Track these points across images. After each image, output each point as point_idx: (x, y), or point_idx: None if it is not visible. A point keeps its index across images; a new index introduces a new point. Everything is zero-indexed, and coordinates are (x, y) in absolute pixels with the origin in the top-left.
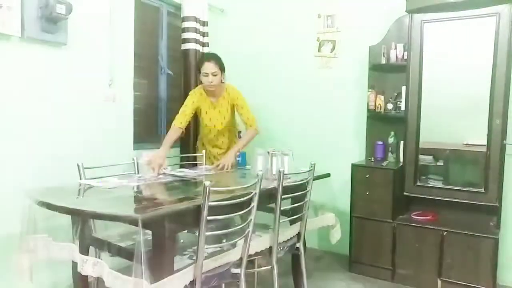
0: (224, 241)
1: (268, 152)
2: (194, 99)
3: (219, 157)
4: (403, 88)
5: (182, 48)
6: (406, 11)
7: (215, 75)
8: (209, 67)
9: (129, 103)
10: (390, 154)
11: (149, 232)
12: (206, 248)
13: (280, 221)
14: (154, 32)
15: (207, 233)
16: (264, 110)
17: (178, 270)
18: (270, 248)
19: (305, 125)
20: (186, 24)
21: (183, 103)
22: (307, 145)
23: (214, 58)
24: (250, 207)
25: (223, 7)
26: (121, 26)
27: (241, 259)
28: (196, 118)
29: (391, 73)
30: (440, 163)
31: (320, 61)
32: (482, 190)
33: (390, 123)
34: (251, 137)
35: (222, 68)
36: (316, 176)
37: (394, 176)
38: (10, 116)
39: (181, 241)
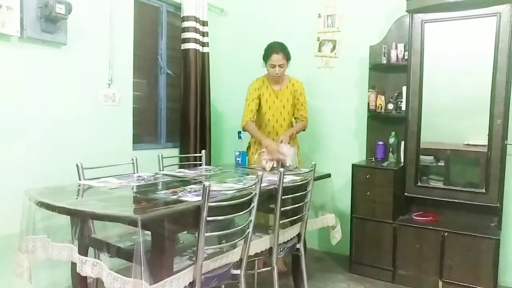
0: (224, 242)
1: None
2: (256, 86)
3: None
4: (404, 88)
5: (182, 48)
6: (406, 11)
7: (282, 67)
8: (277, 59)
9: (129, 103)
10: (390, 154)
11: (149, 232)
12: (206, 249)
13: (280, 221)
14: (153, 32)
15: (207, 234)
16: None
17: (177, 271)
18: (270, 249)
19: None
20: (186, 24)
21: (183, 103)
22: (308, 145)
23: (282, 50)
24: (250, 208)
25: (223, 7)
26: (121, 26)
27: (241, 260)
28: (198, 119)
29: (391, 73)
30: (441, 163)
31: (320, 61)
32: (483, 190)
33: (391, 123)
34: (301, 127)
35: (288, 59)
36: (317, 176)
37: (395, 176)
38: (9, 116)
39: (181, 241)
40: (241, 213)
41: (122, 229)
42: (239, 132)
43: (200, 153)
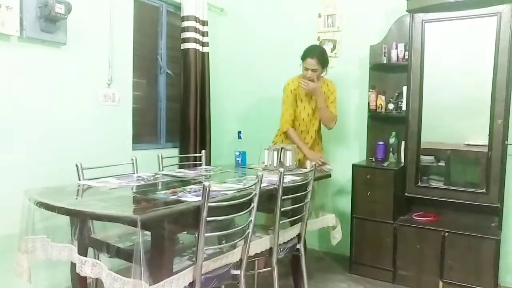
0: (224, 242)
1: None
2: (292, 87)
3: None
4: (404, 88)
5: (182, 47)
6: (407, 10)
7: (314, 71)
8: (311, 63)
9: (128, 103)
10: (391, 154)
11: (148, 233)
12: (206, 249)
13: (281, 222)
14: (153, 31)
15: (207, 234)
16: (264, 109)
17: (177, 272)
18: (270, 249)
19: None
20: (185, 24)
21: (183, 103)
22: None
23: (318, 55)
24: (250, 208)
25: (223, 6)
26: (121, 25)
27: (241, 260)
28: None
29: (392, 73)
30: (441, 163)
31: None
32: (484, 190)
33: (391, 123)
34: (330, 116)
35: (324, 64)
36: (317, 176)
37: (395, 176)
38: (9, 116)
39: (181, 242)
40: (241, 213)
41: (122, 229)
42: (239, 132)
43: (200, 153)
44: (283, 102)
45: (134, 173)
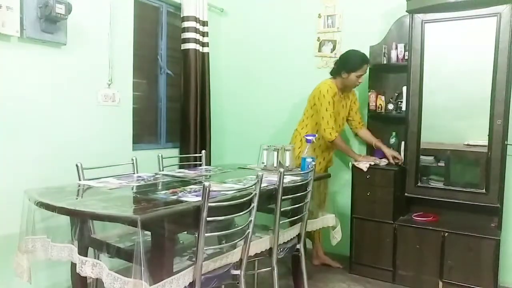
0: (224, 242)
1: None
2: (332, 93)
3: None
4: (404, 88)
5: (182, 48)
6: (406, 11)
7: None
8: (366, 69)
9: (129, 103)
10: None
11: (148, 233)
12: (206, 249)
13: (280, 222)
14: (153, 32)
15: (207, 234)
16: (264, 109)
17: (177, 272)
18: (270, 249)
19: None
20: (186, 24)
21: (183, 103)
22: None
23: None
24: (250, 208)
25: (223, 7)
26: (121, 26)
27: (241, 260)
28: (198, 119)
29: (392, 73)
30: (441, 163)
31: (320, 61)
32: (483, 191)
33: (391, 124)
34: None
35: None
36: (317, 176)
37: (395, 176)
38: (9, 116)
39: (181, 242)
40: (241, 213)
41: (122, 230)
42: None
43: (200, 153)
44: (325, 108)
45: (134, 173)
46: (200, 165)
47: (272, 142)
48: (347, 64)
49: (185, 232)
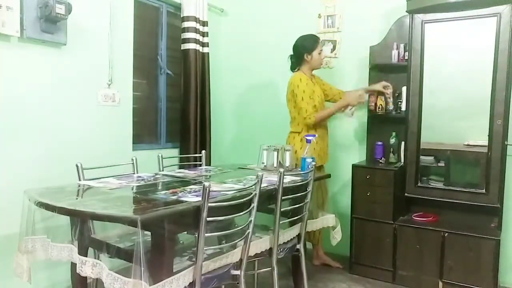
0: (224, 242)
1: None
2: (305, 81)
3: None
4: (404, 89)
5: (182, 48)
6: (406, 11)
7: None
8: (322, 45)
9: (129, 103)
10: (391, 154)
11: (148, 233)
12: (206, 250)
13: (280, 222)
14: (153, 32)
15: (207, 234)
16: (265, 109)
17: (177, 272)
18: (270, 249)
19: None
20: (186, 24)
21: (183, 103)
22: None
23: None
24: (250, 208)
25: (223, 7)
26: (121, 26)
27: (241, 260)
28: (198, 119)
29: (392, 73)
30: (441, 164)
31: None
32: (483, 191)
33: (391, 124)
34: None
35: None
36: (317, 177)
37: (395, 177)
38: (9, 116)
39: (181, 242)
40: (241, 213)
41: (122, 230)
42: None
43: (200, 153)
44: (301, 99)
45: (134, 173)
46: (200, 165)
47: (272, 142)
48: (305, 47)
49: (185, 232)
